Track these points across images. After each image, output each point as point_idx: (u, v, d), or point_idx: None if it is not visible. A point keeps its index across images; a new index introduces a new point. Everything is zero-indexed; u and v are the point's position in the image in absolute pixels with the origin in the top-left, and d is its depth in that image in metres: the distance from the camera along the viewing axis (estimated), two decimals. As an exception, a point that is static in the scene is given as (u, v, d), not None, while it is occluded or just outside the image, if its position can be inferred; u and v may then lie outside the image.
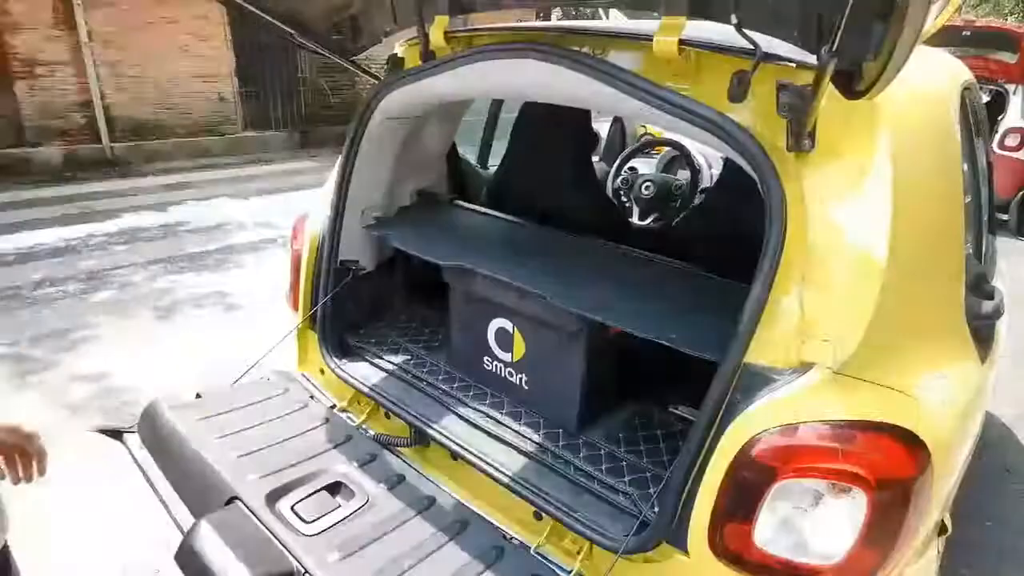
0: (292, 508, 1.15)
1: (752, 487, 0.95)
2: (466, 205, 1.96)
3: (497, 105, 3.12)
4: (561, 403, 1.42)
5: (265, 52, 8.29)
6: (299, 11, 1.52)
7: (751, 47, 0.96)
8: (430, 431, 1.39)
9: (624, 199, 2.84)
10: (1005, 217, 5.55)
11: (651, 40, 1.06)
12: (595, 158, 3.46)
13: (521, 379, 1.49)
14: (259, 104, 8.64)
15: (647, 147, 2.99)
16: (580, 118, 1.85)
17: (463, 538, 1.15)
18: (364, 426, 1.53)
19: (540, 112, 1.86)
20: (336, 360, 1.65)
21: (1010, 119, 5.86)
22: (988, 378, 1.30)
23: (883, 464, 0.90)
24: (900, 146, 0.99)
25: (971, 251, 1.38)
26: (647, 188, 2.74)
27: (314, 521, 1.13)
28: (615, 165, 2.95)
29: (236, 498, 1.14)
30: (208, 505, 1.14)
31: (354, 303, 1.77)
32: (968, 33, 5.81)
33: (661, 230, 2.43)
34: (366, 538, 1.11)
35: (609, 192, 2.89)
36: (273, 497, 1.16)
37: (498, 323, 1.51)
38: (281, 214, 5.53)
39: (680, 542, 1.04)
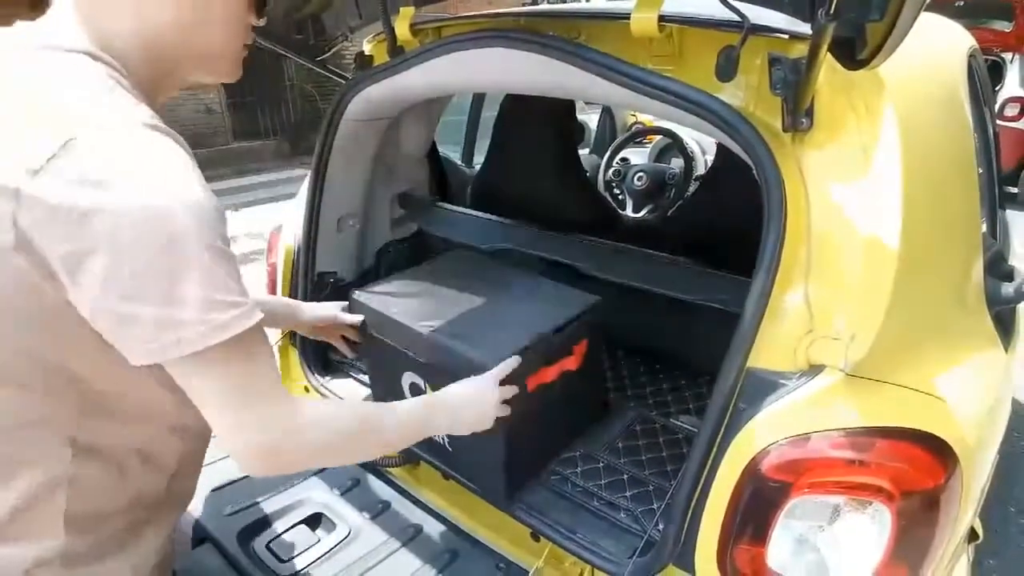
0: (267, 546, 1.07)
1: (763, 504, 0.86)
2: (448, 207, 1.87)
3: (479, 101, 3.03)
4: (486, 469, 1.16)
5: (251, 60, 8.19)
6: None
7: (738, 19, 0.87)
8: (417, 449, 1.30)
9: (617, 191, 2.76)
10: (1014, 190, 5.45)
11: (628, 18, 0.97)
12: (585, 150, 3.38)
13: (444, 439, 1.22)
14: (247, 114, 8.55)
15: (638, 136, 2.90)
16: (562, 108, 1.76)
17: (453, 568, 1.07)
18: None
19: (521, 105, 1.78)
20: (319, 377, 1.57)
21: (1008, 89, 5.74)
22: (1013, 368, 1.21)
23: (907, 474, 0.82)
24: (907, 119, 0.90)
25: (986, 229, 1.29)
26: (639, 179, 2.66)
27: (290, 560, 1.05)
28: (605, 156, 2.87)
29: (207, 538, 1.06)
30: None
31: None
32: (962, 3, 5.69)
33: (655, 223, 2.34)
34: (347, 575, 1.03)
35: (601, 184, 2.80)
36: (246, 535, 1.08)
37: (409, 377, 1.24)
38: (272, 224, 5.44)
39: (687, 564, 0.95)
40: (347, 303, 1.29)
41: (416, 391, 1.22)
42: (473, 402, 0.94)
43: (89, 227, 0.52)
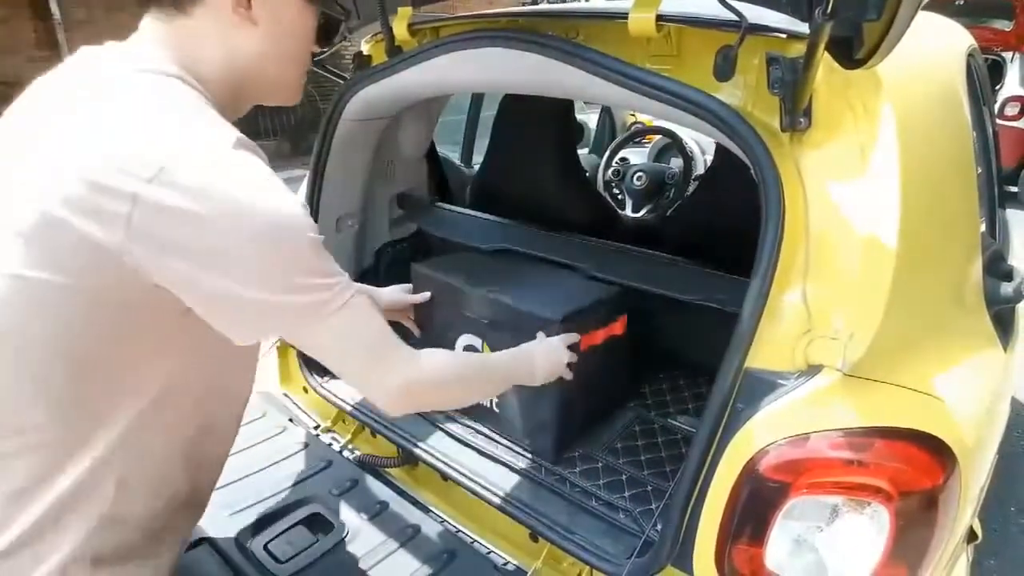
0: (265, 547, 1.07)
1: (761, 505, 0.86)
2: (448, 207, 1.87)
3: (478, 101, 3.03)
4: (536, 430, 1.28)
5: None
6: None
7: (736, 19, 0.86)
8: (417, 451, 1.30)
9: (616, 191, 2.75)
10: (1014, 189, 5.44)
11: (626, 18, 0.97)
12: (584, 150, 3.38)
13: (492, 402, 1.35)
14: (250, 115, 8.49)
15: (637, 136, 2.90)
16: (560, 108, 1.76)
17: (451, 569, 1.06)
18: (350, 446, 1.44)
19: (519, 105, 1.77)
20: (318, 378, 1.57)
21: (1008, 88, 5.74)
22: (1012, 367, 1.21)
23: (905, 474, 0.81)
24: (905, 118, 0.90)
25: (985, 228, 1.29)
26: (639, 179, 2.65)
27: (289, 560, 1.04)
28: (605, 156, 2.86)
29: (204, 539, 1.06)
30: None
31: None
32: (962, 2, 5.69)
33: (655, 222, 2.34)
34: (345, 576, 1.02)
35: (600, 184, 2.80)
36: (244, 536, 1.08)
37: (465, 339, 1.37)
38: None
39: (686, 564, 0.95)
40: (411, 284, 1.40)
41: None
42: (549, 357, 1.09)
43: (207, 230, 0.58)
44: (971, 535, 1.08)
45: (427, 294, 1.36)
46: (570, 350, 1.14)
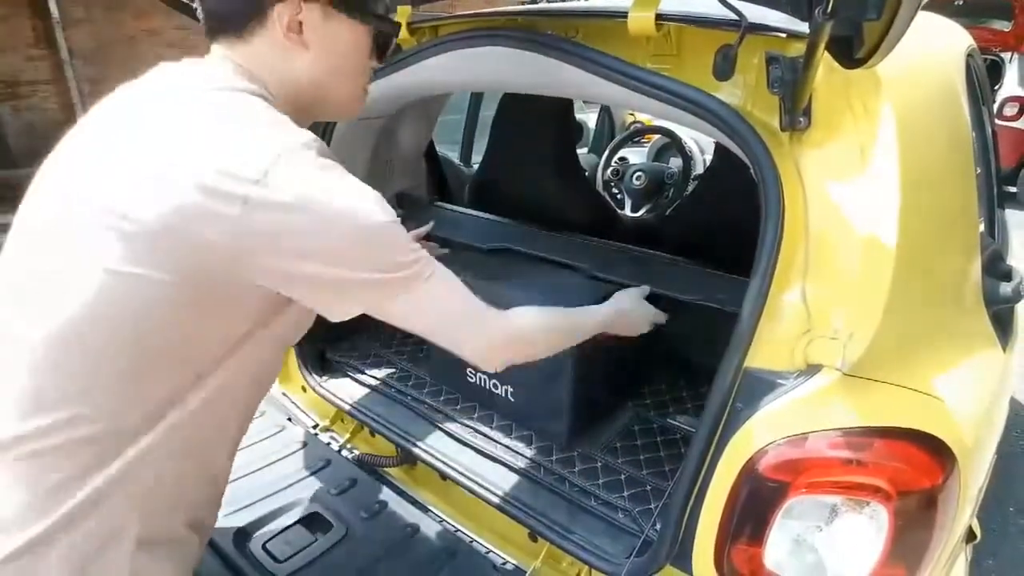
0: (264, 546, 1.07)
1: (760, 505, 0.85)
2: (447, 207, 1.87)
3: (477, 100, 3.03)
4: (550, 415, 1.32)
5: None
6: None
7: (735, 18, 0.86)
8: (416, 450, 1.30)
9: (615, 190, 2.75)
10: (1013, 189, 5.45)
11: (626, 17, 0.97)
12: (584, 150, 3.38)
13: (506, 391, 1.39)
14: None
15: (636, 135, 2.90)
16: (559, 107, 1.76)
17: (450, 568, 1.06)
18: (349, 446, 1.44)
19: (518, 104, 1.77)
20: (317, 377, 1.57)
21: (1007, 88, 5.74)
22: (1011, 367, 1.21)
23: (904, 473, 0.81)
24: (905, 118, 0.90)
25: (984, 228, 1.29)
26: (638, 178, 2.65)
27: (287, 560, 1.04)
28: (604, 156, 2.86)
29: (202, 538, 1.05)
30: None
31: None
32: (961, 2, 5.69)
33: (654, 222, 2.34)
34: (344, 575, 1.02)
35: (599, 184, 2.80)
36: (243, 535, 1.08)
37: None
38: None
39: (685, 564, 0.95)
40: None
41: None
42: (638, 308, 1.17)
43: (309, 225, 0.65)
44: (970, 535, 1.08)
45: (425, 228, 1.42)
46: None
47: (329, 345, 1.66)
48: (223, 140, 0.65)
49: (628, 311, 1.14)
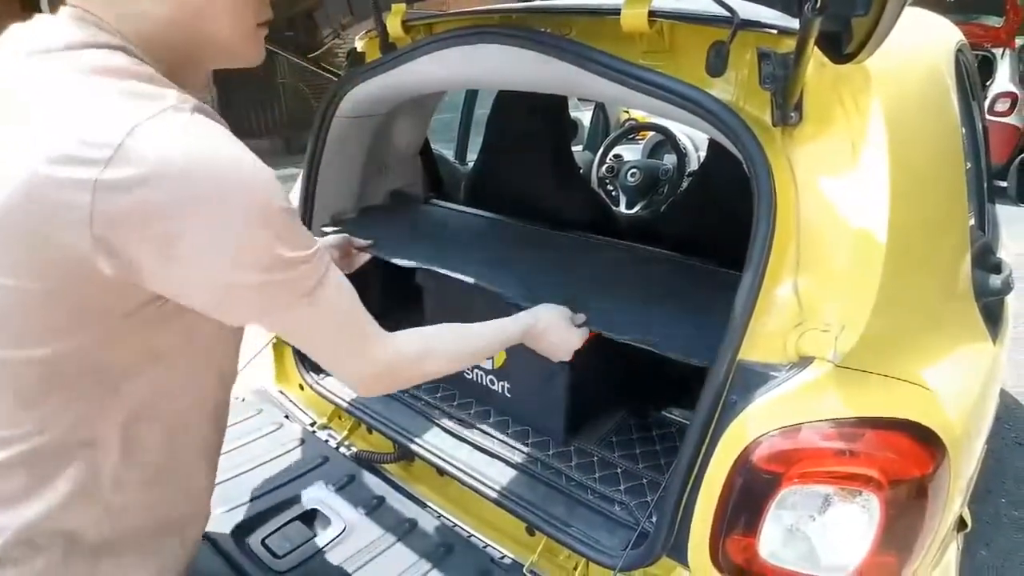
0: (263, 542, 1.07)
1: (754, 495, 0.87)
2: (442, 204, 1.88)
3: (472, 98, 3.03)
4: (547, 412, 1.33)
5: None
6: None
7: (727, 14, 0.87)
8: (414, 446, 1.31)
9: (610, 187, 2.76)
10: (1003, 184, 5.48)
11: (619, 14, 0.98)
12: (578, 147, 3.39)
13: (503, 387, 1.40)
14: (240, 113, 8.50)
15: (631, 132, 2.91)
16: (554, 105, 1.77)
17: (448, 563, 1.07)
18: (347, 442, 1.45)
19: (513, 101, 1.78)
20: (314, 375, 1.57)
21: (999, 84, 5.78)
22: (1000, 359, 1.22)
23: (896, 463, 0.82)
24: (895, 113, 0.91)
25: (974, 222, 1.30)
26: (633, 175, 2.66)
27: (286, 555, 1.05)
28: (599, 153, 2.87)
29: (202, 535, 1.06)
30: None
31: None
32: (952, -2, 5.72)
33: (649, 218, 2.35)
34: (343, 571, 1.03)
35: (594, 181, 2.81)
36: (242, 531, 1.08)
37: None
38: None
39: (680, 555, 0.96)
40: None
41: None
42: (558, 330, 1.05)
43: (174, 210, 0.53)
44: (961, 524, 1.10)
45: (369, 242, 1.36)
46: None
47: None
48: (73, 117, 0.55)
49: (543, 331, 1.03)
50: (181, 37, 0.65)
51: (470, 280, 1.27)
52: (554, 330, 1.04)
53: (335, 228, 1.48)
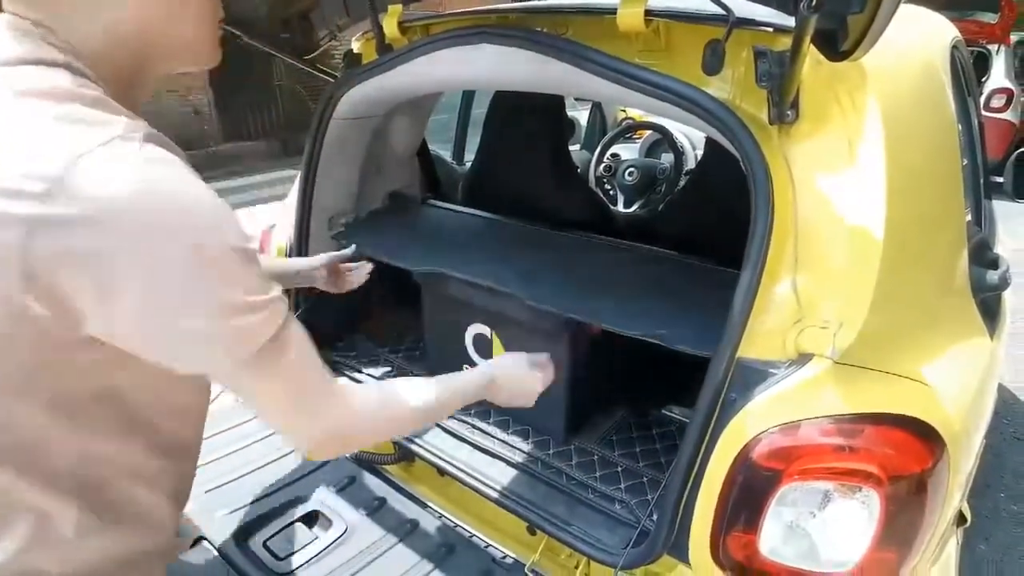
0: (264, 544, 1.07)
1: (754, 492, 0.87)
2: (440, 204, 1.88)
3: (469, 98, 3.03)
4: (547, 411, 1.33)
5: (239, 61, 8.16)
6: (246, 9, 1.42)
7: (723, 13, 0.87)
8: (414, 447, 1.31)
9: (607, 186, 2.76)
10: (1000, 179, 5.49)
11: (615, 14, 0.98)
12: (576, 146, 3.39)
13: None
14: (236, 115, 8.49)
15: (628, 131, 2.91)
16: (551, 105, 1.77)
17: (450, 563, 1.07)
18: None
19: (510, 102, 1.78)
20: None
21: (994, 80, 5.79)
22: (998, 354, 1.23)
23: (895, 459, 0.83)
24: (891, 110, 0.91)
25: (971, 218, 1.31)
26: (630, 174, 2.66)
27: (288, 557, 1.05)
28: (596, 152, 2.87)
29: (203, 538, 1.06)
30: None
31: (330, 315, 1.68)
32: (947, -5, 5.73)
33: (647, 217, 2.35)
34: (344, 572, 1.03)
35: (592, 180, 2.81)
36: (243, 534, 1.09)
37: (475, 328, 1.42)
38: (265, 225, 5.42)
39: (681, 553, 0.96)
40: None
41: (480, 342, 1.39)
42: (515, 384, 1.01)
43: (116, 252, 0.49)
44: (960, 518, 1.10)
45: (351, 249, 1.38)
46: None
47: (326, 346, 1.67)
48: (5, 148, 0.51)
49: (500, 386, 0.98)
50: (138, 44, 0.61)
51: (484, 282, 1.28)
52: (514, 380, 1.00)
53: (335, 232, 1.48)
